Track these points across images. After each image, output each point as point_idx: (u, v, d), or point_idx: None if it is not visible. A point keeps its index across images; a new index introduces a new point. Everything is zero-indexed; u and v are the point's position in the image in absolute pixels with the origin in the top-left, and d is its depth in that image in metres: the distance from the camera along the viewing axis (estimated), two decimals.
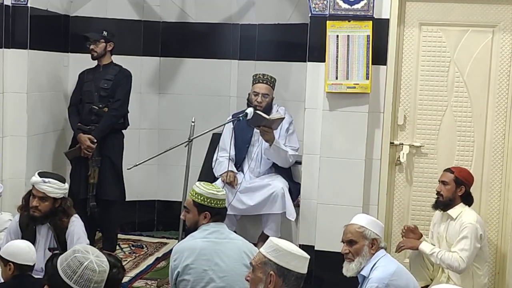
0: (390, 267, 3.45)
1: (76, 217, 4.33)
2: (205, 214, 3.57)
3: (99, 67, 5.55)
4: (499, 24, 4.95)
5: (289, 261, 2.80)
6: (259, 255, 2.87)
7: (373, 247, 3.52)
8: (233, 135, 5.25)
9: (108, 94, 5.47)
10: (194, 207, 3.59)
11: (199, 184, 3.65)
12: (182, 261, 3.43)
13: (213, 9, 6.29)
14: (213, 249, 3.46)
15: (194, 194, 3.60)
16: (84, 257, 2.65)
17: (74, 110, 5.58)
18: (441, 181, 4.59)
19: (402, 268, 3.56)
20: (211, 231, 3.53)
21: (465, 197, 4.56)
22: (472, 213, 4.53)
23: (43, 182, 4.17)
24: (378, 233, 3.56)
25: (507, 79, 4.95)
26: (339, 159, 4.99)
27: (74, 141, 5.52)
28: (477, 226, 4.41)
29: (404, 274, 3.52)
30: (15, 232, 4.30)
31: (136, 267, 5.45)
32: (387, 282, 3.38)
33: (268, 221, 5.30)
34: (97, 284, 2.64)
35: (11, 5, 5.25)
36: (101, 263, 2.67)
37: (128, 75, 5.57)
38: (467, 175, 4.63)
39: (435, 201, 4.61)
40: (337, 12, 4.91)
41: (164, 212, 6.46)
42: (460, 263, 4.32)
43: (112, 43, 5.54)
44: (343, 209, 4.94)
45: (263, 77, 5.42)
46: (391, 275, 3.40)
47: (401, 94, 5.09)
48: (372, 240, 3.52)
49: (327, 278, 4.96)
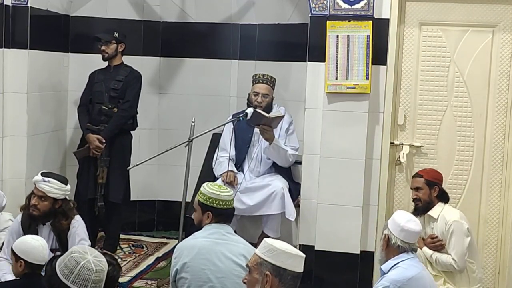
0: (409, 271, 3.41)
1: (78, 218, 4.33)
2: (207, 214, 3.57)
3: (110, 68, 5.56)
4: (499, 24, 4.95)
5: (284, 260, 2.81)
6: (255, 256, 2.88)
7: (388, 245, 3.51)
8: (233, 135, 5.25)
9: (118, 95, 5.48)
10: (198, 206, 3.60)
11: (206, 184, 3.66)
12: (181, 259, 3.45)
13: (213, 9, 6.29)
14: (212, 249, 3.46)
15: (199, 194, 3.62)
16: (81, 257, 2.65)
17: (83, 110, 5.58)
18: (414, 188, 4.60)
19: (423, 276, 3.48)
20: (212, 232, 3.53)
21: (440, 195, 4.58)
22: (453, 210, 4.57)
23: (43, 181, 4.18)
24: (393, 232, 3.50)
25: (507, 79, 4.96)
26: (339, 159, 4.99)
27: (83, 141, 5.53)
28: (461, 222, 4.45)
29: (423, 283, 3.45)
30: (17, 232, 4.30)
31: (136, 267, 5.45)
32: (400, 285, 3.35)
33: (268, 221, 5.30)
34: (95, 283, 2.64)
35: (11, 5, 5.25)
36: (99, 263, 2.68)
37: (138, 76, 5.59)
38: (436, 174, 4.64)
39: (415, 208, 4.62)
40: (337, 12, 4.91)
41: (164, 212, 6.46)
42: (454, 263, 4.39)
43: (123, 44, 5.55)
44: (343, 209, 4.95)
45: (263, 77, 5.42)
46: (407, 280, 3.36)
47: (401, 94, 5.10)
48: (384, 236, 3.52)
49: (327, 278, 4.97)
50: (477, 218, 5.03)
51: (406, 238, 3.49)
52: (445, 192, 4.62)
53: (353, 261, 4.99)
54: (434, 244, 4.51)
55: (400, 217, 3.56)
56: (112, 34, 5.49)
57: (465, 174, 5.05)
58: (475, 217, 5.00)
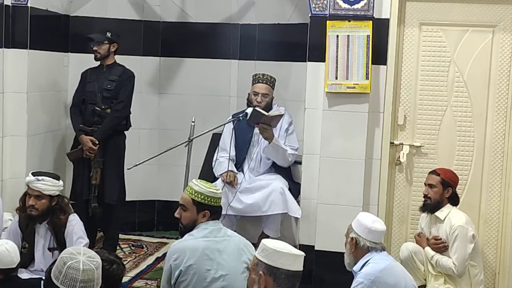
0: (380, 264, 3.44)
1: (75, 216, 4.34)
2: (204, 213, 3.57)
3: (102, 67, 5.52)
4: (499, 24, 4.95)
5: (276, 259, 2.83)
6: (253, 258, 2.92)
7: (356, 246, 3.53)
8: (233, 135, 5.25)
9: (111, 95, 5.44)
10: (193, 205, 3.57)
11: (197, 182, 3.64)
12: (184, 261, 3.42)
13: (213, 9, 6.29)
14: (215, 248, 3.47)
15: (193, 193, 3.58)
16: (70, 257, 2.65)
17: (76, 111, 5.54)
18: (428, 184, 4.61)
19: (394, 266, 3.53)
20: (211, 230, 3.54)
21: (452, 198, 4.58)
22: (460, 214, 4.57)
23: (37, 180, 4.19)
24: (359, 233, 3.53)
25: (507, 79, 4.96)
26: (339, 159, 4.99)
27: (76, 142, 5.50)
28: (467, 228, 4.46)
29: (396, 272, 3.49)
30: (15, 232, 4.33)
31: (136, 267, 5.45)
32: (374, 279, 3.37)
33: (267, 221, 5.30)
34: (84, 283, 2.63)
35: (11, 5, 5.25)
36: (90, 262, 2.66)
37: (131, 76, 5.54)
38: (453, 176, 4.65)
39: (423, 204, 4.64)
40: (337, 12, 4.91)
41: (164, 212, 6.45)
42: (453, 268, 4.41)
43: (116, 44, 5.49)
44: (343, 209, 4.94)
45: (263, 77, 5.42)
46: (379, 272, 3.39)
47: (401, 94, 5.10)
48: (351, 239, 3.54)
49: (327, 278, 4.97)
50: (477, 218, 5.02)
51: (374, 239, 3.53)
52: (457, 196, 4.64)
53: None
54: (437, 246, 4.52)
55: (365, 219, 3.57)
56: (104, 34, 5.44)
57: (465, 174, 5.04)
58: (475, 217, 5.00)
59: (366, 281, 3.37)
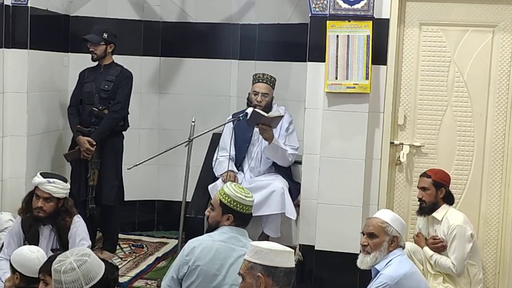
0: (403, 267, 3.47)
1: (79, 217, 4.33)
2: (228, 216, 3.53)
3: (100, 67, 5.50)
4: (499, 24, 4.95)
5: (274, 259, 2.83)
6: (244, 263, 2.90)
7: (393, 244, 3.53)
8: (233, 134, 5.25)
9: (109, 96, 5.42)
10: (219, 206, 3.55)
11: (230, 185, 3.61)
12: (194, 259, 3.40)
13: (213, 9, 6.29)
14: (229, 255, 3.42)
15: (222, 194, 3.56)
16: (58, 260, 2.67)
17: (74, 111, 5.51)
18: (421, 187, 4.61)
19: (415, 271, 3.58)
20: (230, 236, 3.49)
21: (446, 197, 4.58)
22: (458, 214, 4.57)
23: (48, 182, 4.16)
24: (399, 231, 3.56)
25: (507, 79, 4.96)
26: (339, 159, 4.99)
27: (74, 142, 5.48)
28: (465, 227, 4.46)
29: (417, 277, 3.54)
30: (17, 233, 4.30)
31: (136, 267, 5.45)
32: (398, 281, 3.40)
33: (268, 221, 5.30)
34: (68, 284, 2.63)
35: (11, 5, 5.25)
36: (75, 262, 2.66)
37: (129, 76, 5.51)
38: (444, 175, 4.65)
39: (419, 208, 4.64)
40: (337, 12, 4.91)
41: (164, 212, 6.46)
42: (452, 267, 4.42)
43: (113, 45, 5.47)
44: (343, 209, 4.95)
45: (263, 76, 5.42)
46: (403, 275, 3.43)
47: (401, 94, 5.10)
48: (393, 238, 3.54)
49: (327, 278, 4.96)
50: (477, 218, 5.03)
51: (402, 231, 3.61)
52: (451, 194, 4.63)
53: (353, 261, 4.94)
54: (436, 246, 4.52)
55: (398, 216, 3.65)
56: (101, 35, 5.40)
57: (465, 174, 5.05)
58: (475, 217, 5.00)
59: (390, 283, 3.41)
